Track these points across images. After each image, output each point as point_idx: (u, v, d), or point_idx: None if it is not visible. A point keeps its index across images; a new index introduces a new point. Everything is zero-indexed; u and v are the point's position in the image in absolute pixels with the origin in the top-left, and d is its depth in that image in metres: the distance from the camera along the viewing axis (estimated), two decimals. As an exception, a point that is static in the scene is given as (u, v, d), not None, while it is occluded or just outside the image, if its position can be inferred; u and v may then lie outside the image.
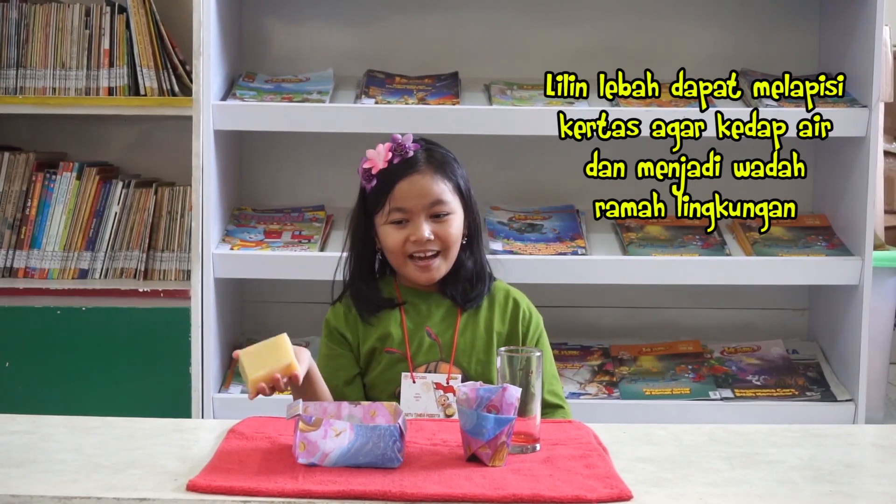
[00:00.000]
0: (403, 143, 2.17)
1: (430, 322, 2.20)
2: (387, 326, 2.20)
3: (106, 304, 3.08)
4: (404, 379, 2.15)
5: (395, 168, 2.16)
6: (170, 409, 2.85)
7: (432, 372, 2.16)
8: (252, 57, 3.32)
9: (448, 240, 2.16)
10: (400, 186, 2.15)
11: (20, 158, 3.25)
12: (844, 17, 3.10)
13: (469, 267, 2.22)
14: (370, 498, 1.54)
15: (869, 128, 2.95)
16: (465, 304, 2.21)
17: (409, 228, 2.15)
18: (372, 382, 2.19)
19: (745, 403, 2.97)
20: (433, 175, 2.16)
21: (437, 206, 2.16)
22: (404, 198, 2.14)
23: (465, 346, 2.19)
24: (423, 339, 2.19)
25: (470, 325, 2.21)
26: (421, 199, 2.15)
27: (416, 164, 2.16)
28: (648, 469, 1.71)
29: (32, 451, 1.75)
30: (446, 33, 3.33)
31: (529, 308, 2.28)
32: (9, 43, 3.22)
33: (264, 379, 1.89)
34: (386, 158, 2.17)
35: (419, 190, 2.15)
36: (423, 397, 2.13)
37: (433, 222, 2.15)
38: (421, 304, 2.22)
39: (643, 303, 3.32)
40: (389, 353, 2.18)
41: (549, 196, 3.24)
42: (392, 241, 2.16)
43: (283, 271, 2.97)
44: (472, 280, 2.23)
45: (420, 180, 2.15)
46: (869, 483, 1.71)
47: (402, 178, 2.15)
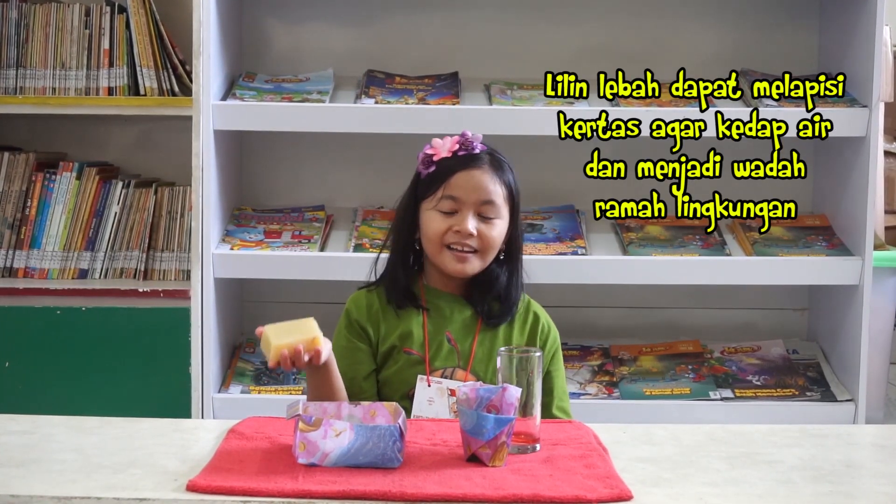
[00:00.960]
0: (472, 140, 2.19)
1: (451, 327, 2.20)
2: (408, 325, 2.19)
3: (106, 304, 3.08)
4: (420, 381, 2.15)
5: (458, 159, 2.17)
6: (170, 409, 2.85)
7: (448, 378, 2.16)
8: (252, 57, 3.32)
9: (489, 241, 2.16)
10: (458, 176, 2.16)
11: (20, 158, 3.26)
12: (844, 17, 3.10)
13: (502, 282, 2.21)
14: (370, 498, 1.54)
15: (869, 128, 2.95)
16: (488, 320, 2.21)
17: (455, 219, 2.15)
18: (386, 380, 2.19)
19: (745, 403, 2.97)
20: (492, 176, 2.17)
21: (487, 206, 2.16)
22: (459, 187, 2.15)
23: (482, 356, 2.19)
24: (442, 343, 2.19)
25: (489, 334, 2.21)
26: (475, 193, 2.15)
27: (478, 160, 2.18)
28: (648, 469, 1.71)
29: (32, 451, 1.75)
30: (446, 33, 3.33)
31: (549, 323, 2.27)
32: (9, 43, 3.22)
33: (288, 347, 1.88)
34: (451, 149, 2.18)
35: (476, 184, 2.16)
36: (436, 402, 2.13)
37: (479, 220, 2.16)
38: (444, 307, 2.21)
39: (643, 303, 3.32)
40: (408, 354, 2.17)
41: (549, 196, 3.24)
42: (435, 226, 2.16)
43: (283, 271, 2.97)
44: (501, 298, 2.22)
45: (479, 175, 2.16)
46: (869, 483, 1.71)
47: (462, 168, 2.16)
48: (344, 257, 2.95)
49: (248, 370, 3.07)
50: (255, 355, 3.13)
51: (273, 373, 3.04)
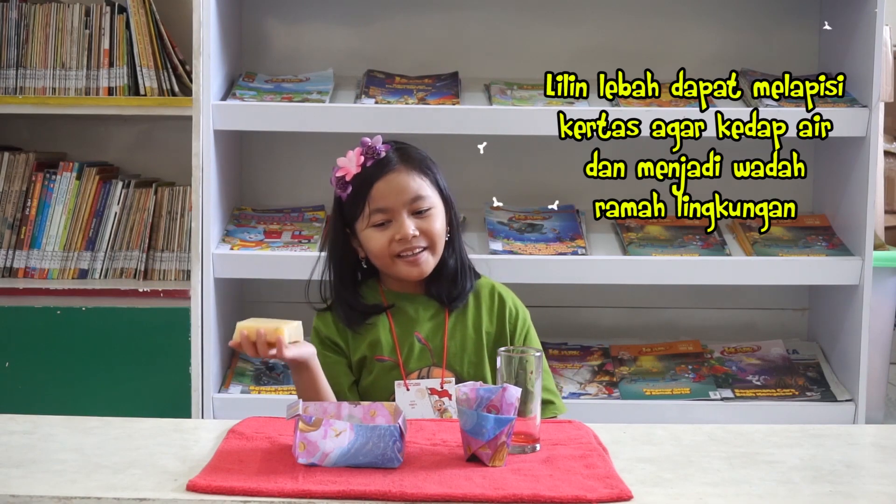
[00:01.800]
0: (374, 145, 2.14)
1: (419, 327, 2.18)
2: (375, 333, 2.17)
3: (106, 304, 3.08)
4: (398, 387, 2.13)
5: (370, 170, 2.12)
6: (170, 409, 2.85)
7: (425, 377, 2.14)
8: (252, 57, 3.32)
9: (433, 234, 2.13)
10: (377, 187, 2.11)
11: (20, 158, 3.26)
12: (844, 17, 3.10)
13: (451, 264, 2.19)
14: (370, 498, 1.54)
15: (869, 128, 2.95)
16: (450, 303, 2.18)
17: (393, 228, 2.12)
18: (365, 390, 2.17)
19: (745, 403, 2.97)
20: (409, 172, 2.13)
21: (418, 202, 2.13)
22: (383, 197, 2.11)
23: (455, 350, 2.17)
24: (412, 344, 2.17)
25: (459, 327, 2.19)
26: (400, 196, 2.12)
27: (389, 163, 2.13)
28: (648, 469, 1.71)
29: (32, 451, 1.75)
30: (446, 33, 3.33)
31: (515, 304, 2.25)
32: (9, 43, 3.22)
33: (248, 328, 1.92)
34: (358, 163, 2.13)
35: (397, 187, 2.12)
36: (418, 404, 2.12)
37: (416, 219, 2.13)
38: (408, 308, 2.19)
39: (643, 303, 3.32)
40: (381, 361, 2.16)
41: (549, 196, 3.24)
42: (377, 243, 2.13)
43: (283, 271, 2.97)
44: (454, 277, 2.19)
45: (396, 178, 2.12)
46: (869, 483, 1.71)
47: (378, 178, 2.12)
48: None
49: (248, 370, 3.07)
50: (255, 355, 3.12)
51: (273, 373, 3.04)
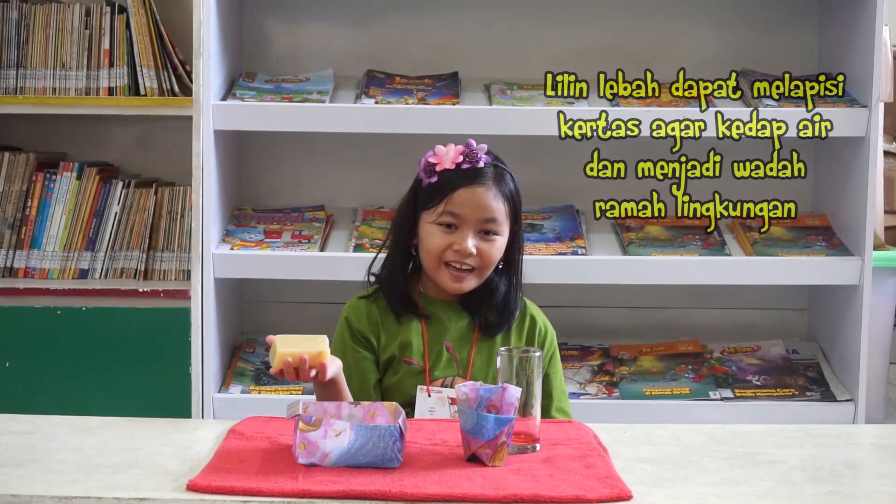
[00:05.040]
0: (477, 152, 2.14)
1: (449, 336, 2.18)
2: (407, 334, 2.17)
3: (106, 304, 3.08)
4: (420, 392, 2.14)
5: (461, 172, 2.12)
6: (170, 409, 2.85)
7: (448, 387, 2.14)
8: (252, 57, 3.32)
9: (488, 259, 2.13)
10: (461, 192, 2.11)
11: (20, 158, 3.25)
12: (844, 17, 3.10)
13: (501, 292, 2.19)
14: (370, 498, 1.54)
15: (869, 128, 2.95)
16: (485, 329, 2.18)
17: (455, 236, 2.11)
18: (388, 389, 2.17)
19: (745, 403, 2.97)
20: (495, 192, 2.13)
21: (489, 224, 2.13)
22: (461, 204, 2.11)
23: (481, 365, 2.17)
24: (441, 352, 2.17)
25: (487, 342, 2.19)
26: (477, 211, 2.11)
27: (482, 175, 2.13)
28: (648, 469, 1.71)
29: (32, 451, 1.75)
30: (446, 33, 3.33)
31: (546, 325, 2.26)
32: (9, 43, 3.22)
33: (292, 355, 1.86)
34: (455, 160, 2.13)
35: (478, 202, 2.11)
36: (437, 412, 2.12)
37: (479, 238, 2.12)
38: (441, 315, 2.19)
39: (643, 303, 3.32)
40: (408, 364, 2.16)
41: (549, 196, 3.24)
42: (435, 242, 2.12)
43: (283, 271, 2.97)
44: (500, 307, 2.19)
45: (482, 193, 2.12)
46: (869, 483, 1.71)
47: (465, 184, 2.11)
48: (344, 257, 2.95)
49: (248, 370, 3.07)
50: (254, 355, 3.13)
51: (273, 373, 3.04)
